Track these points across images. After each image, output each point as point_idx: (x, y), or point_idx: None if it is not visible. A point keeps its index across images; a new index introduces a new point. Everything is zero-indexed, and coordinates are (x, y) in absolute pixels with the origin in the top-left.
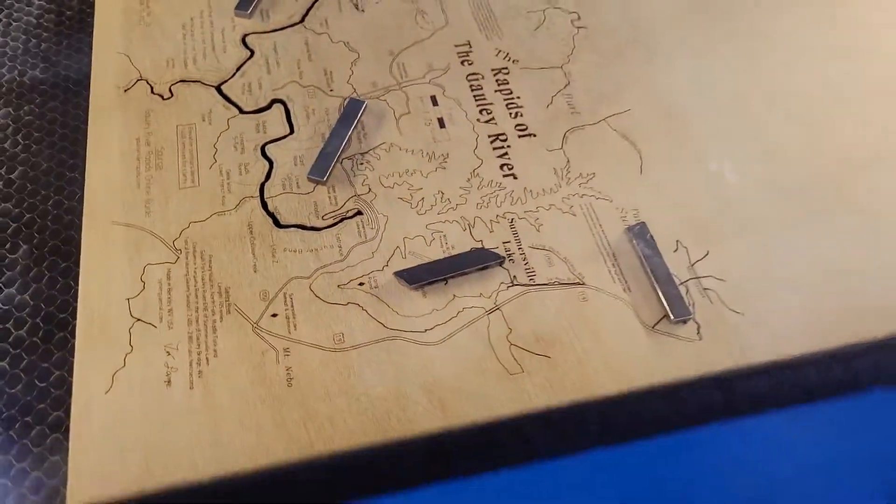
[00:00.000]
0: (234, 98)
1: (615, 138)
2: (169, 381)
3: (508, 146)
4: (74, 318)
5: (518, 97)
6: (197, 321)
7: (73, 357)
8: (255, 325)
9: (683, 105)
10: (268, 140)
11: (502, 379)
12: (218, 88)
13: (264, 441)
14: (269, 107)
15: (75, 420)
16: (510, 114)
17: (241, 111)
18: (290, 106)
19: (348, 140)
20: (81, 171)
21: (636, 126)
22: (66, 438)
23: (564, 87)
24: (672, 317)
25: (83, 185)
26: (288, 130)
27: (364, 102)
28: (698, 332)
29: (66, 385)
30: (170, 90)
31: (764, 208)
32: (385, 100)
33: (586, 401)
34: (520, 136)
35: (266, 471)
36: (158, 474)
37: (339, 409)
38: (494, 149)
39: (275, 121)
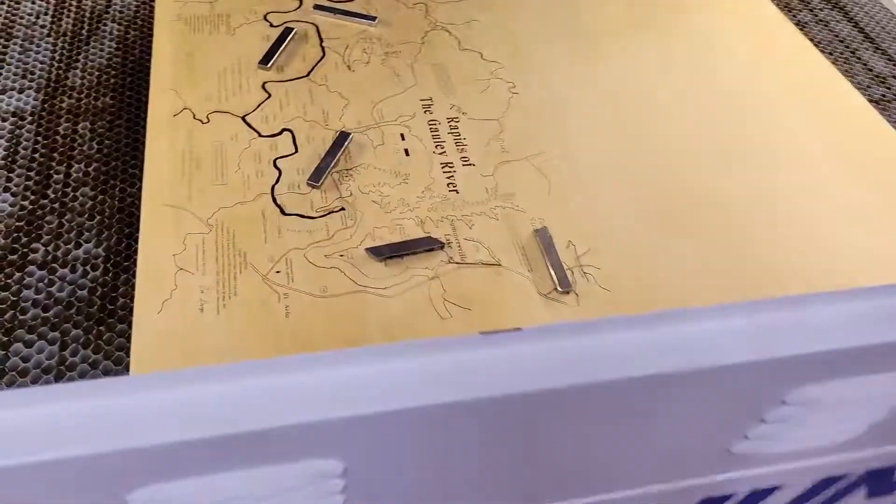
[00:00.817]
0: (254, 125)
1: (532, 170)
2: (202, 309)
3: (454, 171)
4: (135, 266)
5: (465, 138)
6: (223, 271)
7: (134, 291)
8: (264, 277)
9: (579, 150)
10: (278, 156)
11: (437, 322)
12: (243, 118)
13: (265, 346)
14: (280, 133)
15: (136, 331)
16: (458, 149)
17: (260, 135)
18: (295, 134)
19: (337, 160)
20: (141, 169)
21: (547, 163)
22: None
23: (499, 134)
24: (559, 288)
25: (142, 178)
26: (293, 150)
27: (350, 135)
28: (577, 302)
29: (129, 307)
30: (207, 117)
31: (629, 220)
32: (366, 134)
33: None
34: (463, 165)
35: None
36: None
37: (318, 334)
38: (444, 172)
39: (284, 143)
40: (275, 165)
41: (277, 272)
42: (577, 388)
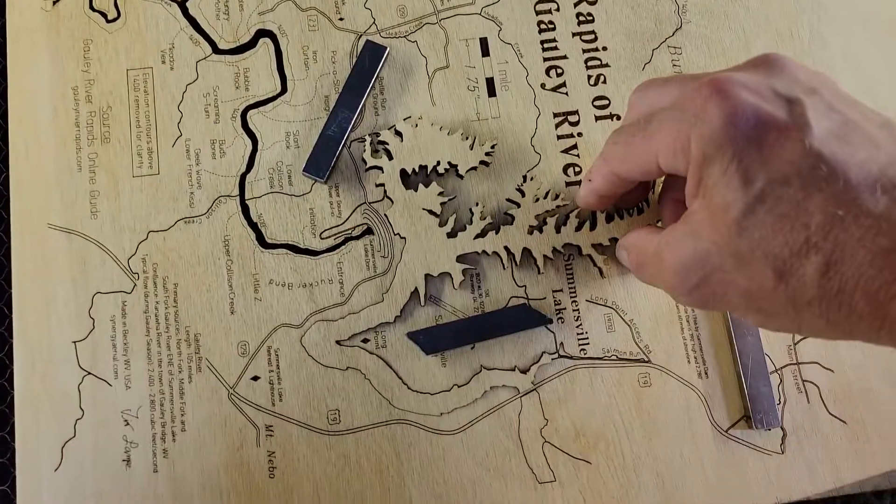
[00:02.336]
0: (205, 25)
1: None
2: (128, 461)
3: (580, 134)
4: (11, 360)
5: (604, 47)
6: (161, 380)
7: (13, 417)
8: (231, 391)
9: None
10: (251, 102)
11: (527, 487)
12: (182, 6)
13: None
14: (252, 43)
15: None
16: (589, 78)
17: (216, 49)
18: (281, 43)
19: (361, 110)
20: (2, 132)
21: None
22: None
23: (672, 34)
24: (754, 423)
25: (5, 160)
26: (279, 86)
27: (386, 49)
28: (782, 444)
29: (9, 451)
30: (115, 5)
31: None
32: (415, 41)
33: None
34: (598, 119)
35: None
36: None
37: None
38: (560, 137)
39: (261, 68)
40: (244, 126)
41: (254, 379)
42: None
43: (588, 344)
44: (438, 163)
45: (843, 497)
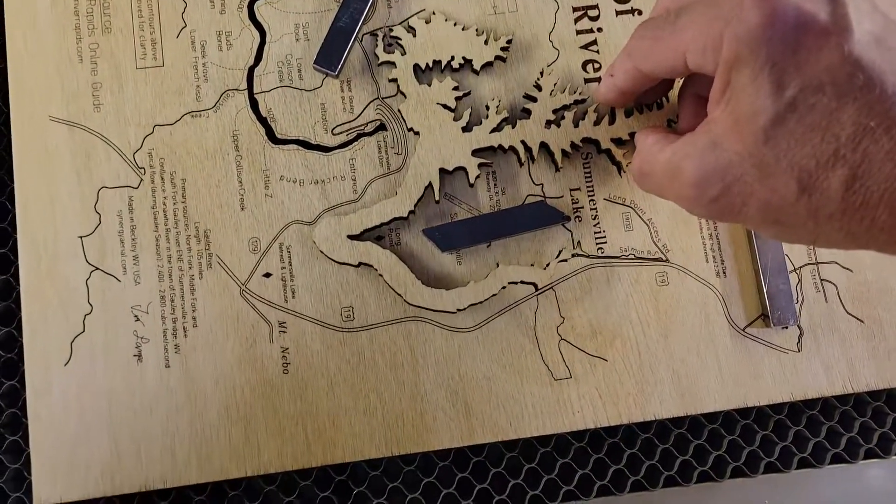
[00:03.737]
0: None
1: None
2: (140, 356)
3: (599, 29)
4: (16, 256)
5: None
6: (170, 276)
7: (20, 312)
8: (243, 288)
9: None
10: None
11: (543, 384)
12: None
13: (253, 441)
14: None
15: (32, 404)
16: None
17: None
18: None
19: (373, 2)
20: None
21: None
22: (26, 440)
23: None
24: (771, 321)
25: (3, 51)
26: None
27: None
28: (799, 342)
29: (17, 346)
30: None
31: None
32: None
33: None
34: (619, 13)
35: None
36: (132, 474)
37: (345, 407)
38: (579, 32)
39: None
40: (251, 16)
41: (266, 276)
42: None
43: (605, 243)
44: (453, 58)
45: (856, 395)
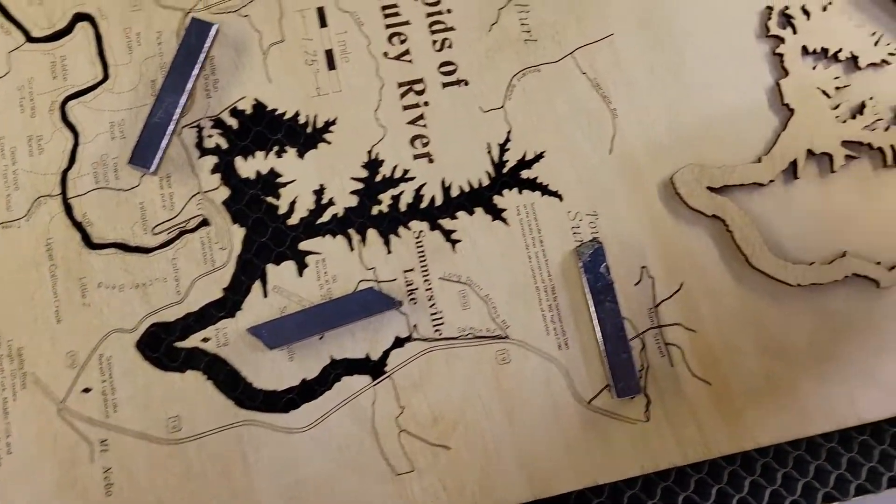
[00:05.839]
0: (16, 12)
1: (582, 86)
2: None
3: (426, 103)
4: None
5: (448, 9)
6: None
7: None
8: (61, 406)
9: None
10: (71, 92)
11: (384, 480)
12: None
13: None
14: (69, 29)
15: None
16: (434, 43)
17: (29, 37)
18: (101, 27)
19: (190, 93)
20: None
21: (615, 65)
22: None
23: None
24: (615, 393)
25: None
26: (100, 73)
27: (214, 25)
28: (647, 411)
29: None
30: None
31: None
32: (248, 15)
33: None
34: (445, 85)
35: None
36: None
37: None
38: (405, 108)
39: (80, 55)
40: (64, 119)
41: (86, 391)
42: None
43: (443, 324)
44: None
45: (711, 461)
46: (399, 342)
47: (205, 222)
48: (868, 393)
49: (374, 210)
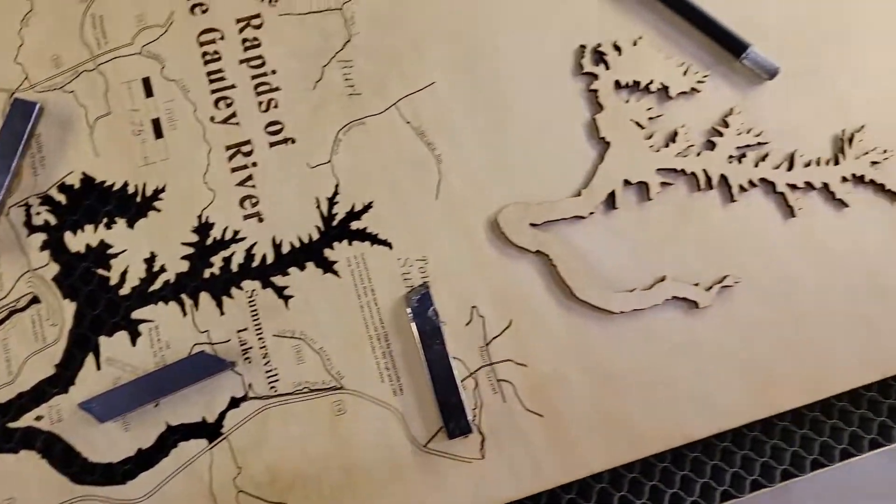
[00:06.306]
0: None
1: (407, 135)
2: None
3: (254, 164)
4: None
5: (273, 70)
6: None
7: None
8: None
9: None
10: None
11: None
12: None
13: None
14: None
15: None
16: (259, 104)
17: None
18: None
19: (16, 173)
20: None
21: (438, 111)
22: None
23: (343, 47)
24: (447, 433)
25: None
26: None
27: (36, 104)
28: (482, 448)
29: None
30: None
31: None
32: (73, 91)
33: None
34: (272, 145)
35: None
36: None
37: None
38: (234, 170)
39: None
40: None
41: None
42: None
43: (278, 381)
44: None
45: (548, 492)
46: (235, 402)
47: (35, 300)
48: (694, 411)
49: (206, 273)
